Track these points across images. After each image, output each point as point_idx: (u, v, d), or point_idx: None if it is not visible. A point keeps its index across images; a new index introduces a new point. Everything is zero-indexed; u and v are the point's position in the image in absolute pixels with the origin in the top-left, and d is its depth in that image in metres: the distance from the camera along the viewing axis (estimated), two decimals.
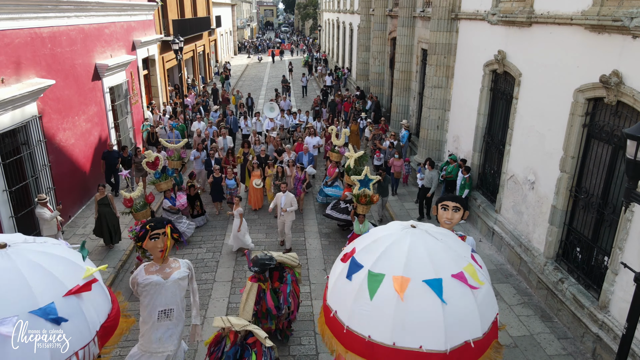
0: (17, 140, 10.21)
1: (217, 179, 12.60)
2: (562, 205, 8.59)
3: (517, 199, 10.14)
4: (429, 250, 4.51)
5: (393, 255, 4.52)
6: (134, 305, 7.89)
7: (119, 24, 16.03)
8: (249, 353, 6.00)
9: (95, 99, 14.05)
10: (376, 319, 4.30)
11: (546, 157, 8.98)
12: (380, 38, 21.92)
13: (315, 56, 45.91)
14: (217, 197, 12.84)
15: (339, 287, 4.77)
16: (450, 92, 13.96)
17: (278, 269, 7.64)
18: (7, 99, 9.20)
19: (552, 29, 8.78)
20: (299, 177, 12.84)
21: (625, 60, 6.98)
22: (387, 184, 12.51)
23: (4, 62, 9.55)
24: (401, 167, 14.11)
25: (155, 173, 11.22)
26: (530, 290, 9.31)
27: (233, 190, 12.51)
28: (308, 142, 14.97)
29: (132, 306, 7.96)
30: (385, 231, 5.01)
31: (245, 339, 6.07)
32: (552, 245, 8.90)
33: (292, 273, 7.71)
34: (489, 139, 11.82)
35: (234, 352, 6.00)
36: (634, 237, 6.84)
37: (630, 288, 6.85)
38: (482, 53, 11.62)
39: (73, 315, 3.82)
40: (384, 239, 4.77)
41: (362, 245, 4.91)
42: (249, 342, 6.05)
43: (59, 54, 11.82)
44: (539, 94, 9.29)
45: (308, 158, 14.20)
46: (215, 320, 6.20)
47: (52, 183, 11.05)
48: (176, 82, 25.23)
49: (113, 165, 13.51)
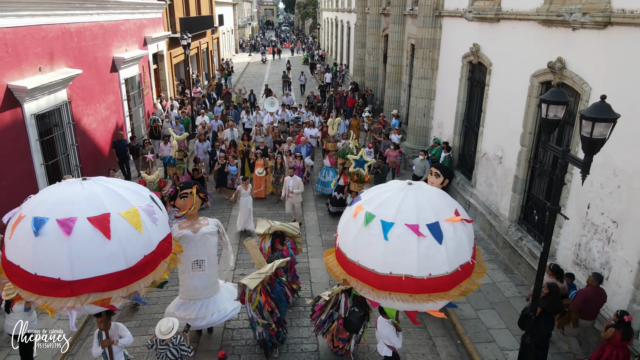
0: (50, 122, 11.63)
1: (222, 166, 13.51)
2: (523, 175, 10.02)
3: (489, 173, 11.57)
4: (426, 199, 5.25)
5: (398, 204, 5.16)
6: None
7: (132, 21, 17.44)
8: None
9: (113, 89, 15.47)
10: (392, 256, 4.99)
11: (511, 134, 10.40)
12: (374, 35, 23.34)
13: (314, 54, 47.23)
14: (221, 183, 13.82)
15: (347, 229, 5.48)
16: (435, 83, 15.38)
17: (279, 236, 8.53)
18: (44, 85, 10.62)
19: (515, 24, 10.21)
20: (298, 167, 13.38)
21: (567, 49, 8.41)
22: (385, 173, 13.54)
23: (40, 53, 10.98)
24: (396, 158, 14.61)
25: (164, 158, 12.71)
26: (497, 250, 10.75)
27: (234, 176, 13.54)
28: (306, 133, 15.97)
29: None
30: (386, 187, 5.67)
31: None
32: (515, 210, 10.34)
33: (292, 241, 8.90)
34: (467, 123, 13.25)
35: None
36: (573, 194, 8.28)
37: (570, 237, 8.34)
38: (460, 46, 13.04)
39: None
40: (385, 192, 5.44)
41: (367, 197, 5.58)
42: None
43: (84, 47, 13.25)
44: (505, 81, 10.72)
45: (306, 149, 15.04)
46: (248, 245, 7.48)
47: (79, 161, 12.48)
48: (182, 77, 26.67)
49: (123, 153, 14.45)
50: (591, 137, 4.99)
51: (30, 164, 10.45)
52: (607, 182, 7.46)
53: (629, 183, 7.00)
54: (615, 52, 7.31)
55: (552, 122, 5.71)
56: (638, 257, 6.83)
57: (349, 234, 5.37)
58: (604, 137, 5.01)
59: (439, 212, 5.10)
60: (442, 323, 8.51)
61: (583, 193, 8.01)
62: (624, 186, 7.11)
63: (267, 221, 8.65)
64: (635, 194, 6.89)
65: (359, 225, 5.20)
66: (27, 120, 10.27)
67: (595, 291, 7.03)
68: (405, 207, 5.06)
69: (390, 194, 5.31)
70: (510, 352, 7.65)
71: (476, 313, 8.70)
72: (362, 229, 5.13)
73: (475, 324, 8.39)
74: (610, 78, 7.32)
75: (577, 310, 7.13)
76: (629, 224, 7.04)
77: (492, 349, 7.80)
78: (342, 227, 5.66)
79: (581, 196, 8.08)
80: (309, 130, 16.28)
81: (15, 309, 6.79)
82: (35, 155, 10.56)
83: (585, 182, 7.82)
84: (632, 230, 6.97)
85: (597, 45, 7.70)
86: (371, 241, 5.04)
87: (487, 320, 8.48)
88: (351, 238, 5.30)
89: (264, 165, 13.76)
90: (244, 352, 7.76)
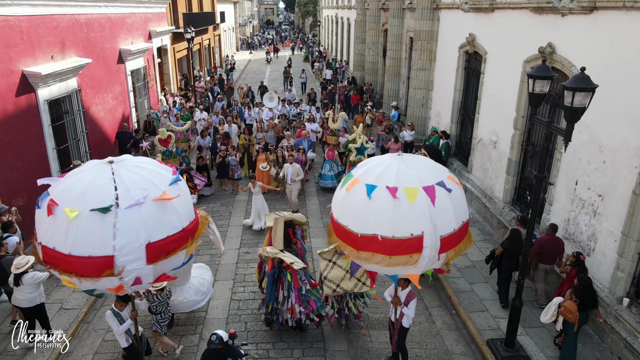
0: (61, 109, 12.07)
1: (223, 158, 13.61)
2: (516, 157, 10.46)
3: (484, 158, 12.01)
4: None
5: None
6: None
7: (137, 14, 17.88)
8: (284, 274, 7.34)
9: (120, 80, 15.91)
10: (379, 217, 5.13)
11: (504, 119, 10.83)
12: (374, 30, 23.78)
13: (314, 51, 47.62)
14: (222, 174, 13.96)
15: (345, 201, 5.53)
16: (433, 74, 15.82)
17: (291, 226, 8.33)
18: (57, 72, 11.07)
19: (508, 13, 10.65)
20: (300, 160, 13.30)
21: (557, 34, 8.85)
22: None
23: (52, 42, 11.42)
24: (398, 151, 14.83)
25: (165, 151, 12.33)
26: (492, 231, 11.18)
27: (234, 167, 13.73)
28: (307, 127, 15.90)
29: None
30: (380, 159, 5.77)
31: (280, 263, 7.31)
32: (509, 192, 10.78)
33: (301, 229, 8.80)
34: (463, 111, 13.69)
35: (273, 273, 7.37)
36: (562, 172, 8.72)
37: (560, 213, 8.77)
38: (457, 37, 13.47)
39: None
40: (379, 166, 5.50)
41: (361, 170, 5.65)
42: (284, 265, 7.28)
43: (92, 38, 13.68)
44: (499, 68, 11.16)
45: (307, 143, 14.77)
46: (259, 250, 7.81)
47: (88, 147, 12.92)
48: (185, 72, 27.11)
49: (125, 144, 14.60)
50: (572, 106, 5.42)
51: (44, 147, 10.90)
52: (593, 158, 7.89)
53: (613, 158, 7.43)
54: (600, 35, 7.75)
55: (538, 95, 6.15)
56: (621, 227, 7.26)
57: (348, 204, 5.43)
58: (584, 105, 5.44)
59: (425, 178, 5.16)
60: (437, 295, 8.96)
61: (571, 170, 8.44)
62: (608, 161, 7.55)
63: (275, 213, 8.53)
64: (619, 167, 7.32)
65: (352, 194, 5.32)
66: (40, 106, 10.71)
67: (550, 239, 8.12)
68: (389, 173, 5.21)
69: (384, 164, 5.43)
70: (502, 320, 8.08)
71: (470, 286, 9.13)
72: (347, 195, 5.34)
73: (469, 296, 8.83)
74: (596, 60, 7.73)
75: (536, 255, 8.14)
76: (612, 196, 7.48)
77: (484, 317, 8.24)
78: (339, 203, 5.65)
79: (570, 174, 8.51)
80: (310, 125, 16.30)
81: (25, 281, 6.95)
82: (48, 139, 11.01)
83: (573, 159, 8.31)
84: (616, 202, 7.40)
85: (584, 29, 8.13)
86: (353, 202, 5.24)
87: (480, 293, 8.92)
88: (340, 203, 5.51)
89: (265, 160, 13.56)
90: (249, 320, 8.20)
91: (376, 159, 5.80)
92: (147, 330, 7.41)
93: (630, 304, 7.17)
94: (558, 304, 6.79)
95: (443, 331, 8.02)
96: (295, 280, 7.32)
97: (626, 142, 7.16)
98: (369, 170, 5.42)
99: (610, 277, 7.51)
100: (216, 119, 17.43)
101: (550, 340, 7.61)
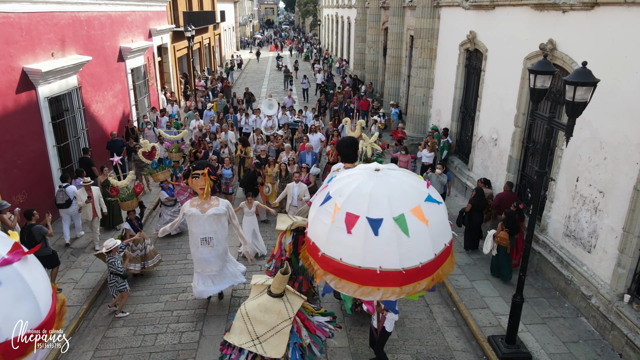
0: (62, 106, 12.07)
1: (214, 168, 11.35)
2: (516, 155, 10.45)
3: (484, 155, 12.00)
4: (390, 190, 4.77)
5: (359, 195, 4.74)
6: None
7: (138, 12, 17.88)
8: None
9: (120, 78, 15.91)
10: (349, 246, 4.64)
11: (505, 116, 10.82)
12: (374, 28, 23.77)
13: (313, 50, 47.46)
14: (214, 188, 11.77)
15: (318, 222, 5.01)
16: (434, 72, 15.80)
17: (302, 232, 7.65)
18: (57, 69, 11.06)
19: (509, 10, 10.63)
20: (304, 181, 11.12)
21: (558, 31, 8.83)
22: None
23: (53, 39, 11.41)
24: (407, 164, 12.75)
25: (152, 163, 11.31)
26: None
27: (228, 180, 12.31)
28: (310, 139, 14.13)
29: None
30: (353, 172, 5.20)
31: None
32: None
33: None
34: (464, 109, 13.68)
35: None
36: (563, 169, 8.71)
37: (561, 210, 8.76)
38: (458, 35, 13.46)
39: None
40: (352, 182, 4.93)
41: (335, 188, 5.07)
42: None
43: (93, 36, 13.68)
44: (499, 65, 11.14)
45: (312, 157, 12.98)
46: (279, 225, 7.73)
47: (88, 145, 12.91)
48: (185, 71, 27.11)
49: (118, 154, 12.65)
50: (573, 101, 5.41)
51: (44, 144, 10.90)
52: (594, 154, 7.88)
53: (614, 154, 7.42)
54: (601, 31, 7.73)
55: (539, 91, 6.13)
56: (622, 224, 7.24)
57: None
58: (585, 100, 5.43)
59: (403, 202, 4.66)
60: (438, 292, 8.94)
61: (572, 167, 8.43)
62: (609, 157, 7.53)
63: (289, 217, 8.16)
64: (620, 163, 7.30)
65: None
66: (40, 103, 10.71)
67: (507, 194, 9.90)
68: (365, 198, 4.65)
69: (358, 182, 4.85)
70: (503, 317, 8.07)
71: (471, 283, 9.12)
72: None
73: (470, 293, 8.82)
74: (598, 56, 7.71)
75: (495, 207, 10.12)
76: (613, 193, 7.46)
77: (485, 314, 8.23)
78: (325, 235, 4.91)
79: (571, 170, 8.50)
80: (313, 137, 14.34)
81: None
82: (48, 136, 11.01)
83: (574, 156, 8.29)
84: (617, 198, 7.39)
85: (585, 25, 8.12)
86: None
87: (481, 290, 8.91)
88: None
89: (265, 174, 11.88)
90: None
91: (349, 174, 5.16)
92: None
93: (632, 301, 7.16)
94: (493, 235, 8.89)
95: (444, 328, 8.01)
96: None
97: (627, 138, 7.15)
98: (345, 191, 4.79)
99: (611, 274, 7.49)
100: (213, 128, 15.62)
101: (552, 337, 7.60)
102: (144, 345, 7.51)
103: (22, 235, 8.15)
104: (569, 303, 8.40)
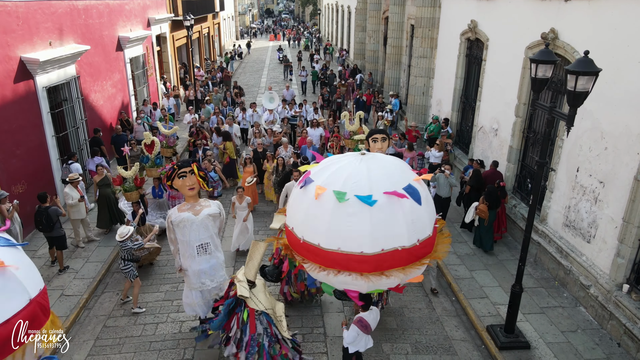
0: (60, 96, 12.00)
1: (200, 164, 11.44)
2: (517, 145, 10.42)
3: (485, 145, 11.96)
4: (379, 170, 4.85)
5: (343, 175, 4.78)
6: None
7: (136, 1, 17.71)
8: (241, 309, 6.24)
9: (119, 67, 15.80)
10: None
11: (506, 106, 10.77)
12: (375, 18, 23.59)
13: (313, 39, 47.06)
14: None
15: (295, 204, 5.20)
16: (434, 62, 15.71)
17: None
18: (55, 58, 10.98)
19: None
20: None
21: (560, 20, 8.75)
22: None
23: (50, 28, 11.32)
24: (412, 162, 12.02)
25: (143, 158, 11.21)
26: None
27: (216, 183, 12.05)
28: (311, 134, 13.70)
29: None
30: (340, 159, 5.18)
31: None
32: (509, 179, 10.74)
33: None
34: (464, 99, 13.61)
35: (229, 302, 6.34)
36: (564, 159, 8.68)
37: (561, 200, 8.76)
38: (459, 24, 13.35)
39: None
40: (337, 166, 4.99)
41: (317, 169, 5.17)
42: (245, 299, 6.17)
43: (91, 25, 13.56)
44: (501, 55, 11.06)
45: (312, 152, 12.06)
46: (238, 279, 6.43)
47: (87, 135, 12.86)
48: (184, 61, 26.93)
49: (119, 148, 12.72)
50: (575, 90, 5.37)
51: (42, 134, 10.85)
52: (595, 145, 7.85)
53: (615, 144, 7.39)
54: (603, 20, 7.66)
55: (541, 80, 6.09)
56: (622, 214, 7.24)
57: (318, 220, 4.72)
58: (587, 90, 5.39)
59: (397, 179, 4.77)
60: (438, 282, 8.96)
61: (573, 157, 8.40)
62: (610, 147, 7.50)
63: (284, 216, 8.16)
64: (621, 154, 7.28)
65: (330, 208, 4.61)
66: (39, 93, 10.64)
67: (492, 171, 10.57)
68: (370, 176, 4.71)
69: (348, 168, 4.84)
70: (502, 306, 8.10)
71: (471, 273, 9.15)
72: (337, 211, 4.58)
73: (469, 283, 8.85)
74: (600, 45, 7.64)
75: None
76: (614, 183, 7.45)
77: (485, 303, 8.26)
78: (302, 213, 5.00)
79: (571, 160, 8.47)
80: (314, 131, 13.95)
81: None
82: (47, 126, 10.96)
83: (575, 146, 8.27)
84: (617, 189, 7.38)
85: (587, 14, 8.04)
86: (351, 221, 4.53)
87: (480, 280, 8.94)
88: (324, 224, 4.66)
89: (253, 173, 11.78)
90: None
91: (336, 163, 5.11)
92: None
93: (630, 291, 7.18)
94: (475, 207, 9.63)
95: (443, 317, 8.04)
96: (252, 324, 6.16)
97: (629, 128, 7.11)
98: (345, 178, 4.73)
99: (610, 264, 7.50)
100: (214, 119, 15.67)
101: (551, 326, 7.64)
102: (144, 334, 7.55)
103: (40, 217, 8.62)
104: (567, 293, 8.43)
